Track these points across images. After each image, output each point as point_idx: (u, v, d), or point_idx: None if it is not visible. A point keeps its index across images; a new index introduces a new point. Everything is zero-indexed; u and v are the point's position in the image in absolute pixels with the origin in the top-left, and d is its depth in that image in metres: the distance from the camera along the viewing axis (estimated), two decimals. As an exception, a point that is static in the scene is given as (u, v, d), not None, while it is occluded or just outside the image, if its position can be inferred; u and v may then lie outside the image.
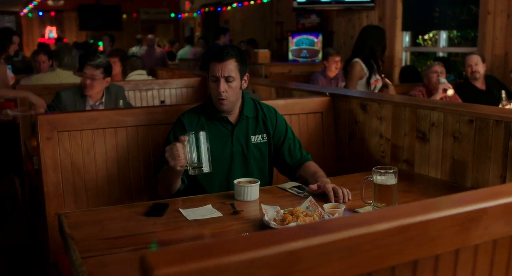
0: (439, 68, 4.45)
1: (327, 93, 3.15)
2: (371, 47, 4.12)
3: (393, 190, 1.97)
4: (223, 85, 2.28)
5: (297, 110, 3.01)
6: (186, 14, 15.71)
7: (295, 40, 8.43)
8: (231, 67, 2.28)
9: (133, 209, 2.03)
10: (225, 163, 2.42)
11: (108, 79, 3.51)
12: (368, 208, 1.99)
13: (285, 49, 8.83)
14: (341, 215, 1.93)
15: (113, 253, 1.63)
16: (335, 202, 2.07)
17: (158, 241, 1.72)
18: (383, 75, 4.26)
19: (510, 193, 1.02)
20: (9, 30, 5.09)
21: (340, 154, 3.09)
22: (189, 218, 1.93)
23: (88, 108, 3.41)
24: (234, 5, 12.27)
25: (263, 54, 6.42)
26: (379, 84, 4.19)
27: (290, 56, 8.54)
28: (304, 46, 8.30)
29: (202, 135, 2.09)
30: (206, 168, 2.09)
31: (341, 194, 2.09)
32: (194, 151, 2.07)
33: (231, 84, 2.30)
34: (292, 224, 1.76)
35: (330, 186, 2.13)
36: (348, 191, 2.12)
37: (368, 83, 4.12)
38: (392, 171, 1.97)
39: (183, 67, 8.68)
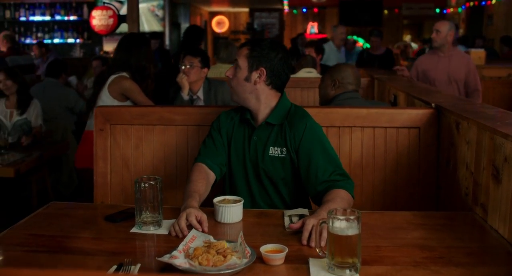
0: None
1: (433, 104, 2.50)
2: None
3: (354, 242, 1.44)
4: (230, 69, 2.11)
5: (383, 123, 2.46)
6: (451, 10, 14.51)
7: (545, 38, 6.98)
8: (241, 53, 2.08)
9: (110, 210, 1.96)
10: (242, 172, 2.13)
11: (206, 70, 3.52)
12: (323, 262, 1.50)
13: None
14: (281, 262, 1.51)
15: (3, 250, 1.61)
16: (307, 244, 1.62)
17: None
18: None
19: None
20: (200, 28, 5.43)
21: (440, 183, 2.43)
22: (132, 230, 1.77)
23: (184, 97, 3.45)
24: (500, -3, 10.83)
25: (476, 54, 5.49)
26: None
27: (538, 58, 7.13)
28: (555, 46, 6.80)
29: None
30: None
31: (313, 236, 1.61)
32: None
33: (236, 72, 2.08)
34: (182, 260, 1.44)
35: (311, 221, 1.67)
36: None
37: None
38: (353, 217, 1.44)
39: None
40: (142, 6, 10.53)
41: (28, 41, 10.17)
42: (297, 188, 2.12)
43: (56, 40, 10.29)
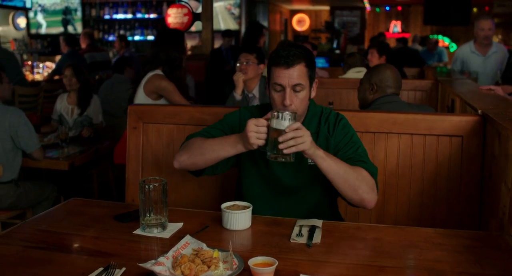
0: None
1: (479, 111, 2.29)
2: None
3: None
4: (290, 96, 1.87)
5: (422, 129, 2.29)
6: (550, 6, 13.45)
7: None
8: (300, 73, 1.88)
9: (125, 210, 1.96)
10: (275, 183, 2.03)
11: (262, 66, 3.47)
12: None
13: None
14: (269, 276, 1.43)
15: (6, 244, 1.64)
16: None
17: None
18: None
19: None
20: (260, 24, 5.43)
21: (484, 198, 2.22)
22: (135, 231, 1.76)
23: (237, 97, 3.40)
24: None
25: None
26: None
27: None
28: None
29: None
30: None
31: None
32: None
33: (299, 94, 1.89)
34: (163, 268, 1.39)
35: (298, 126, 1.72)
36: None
37: None
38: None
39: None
40: (219, 4, 10.68)
41: (111, 38, 10.63)
42: (333, 197, 2.06)
43: (136, 37, 10.68)
